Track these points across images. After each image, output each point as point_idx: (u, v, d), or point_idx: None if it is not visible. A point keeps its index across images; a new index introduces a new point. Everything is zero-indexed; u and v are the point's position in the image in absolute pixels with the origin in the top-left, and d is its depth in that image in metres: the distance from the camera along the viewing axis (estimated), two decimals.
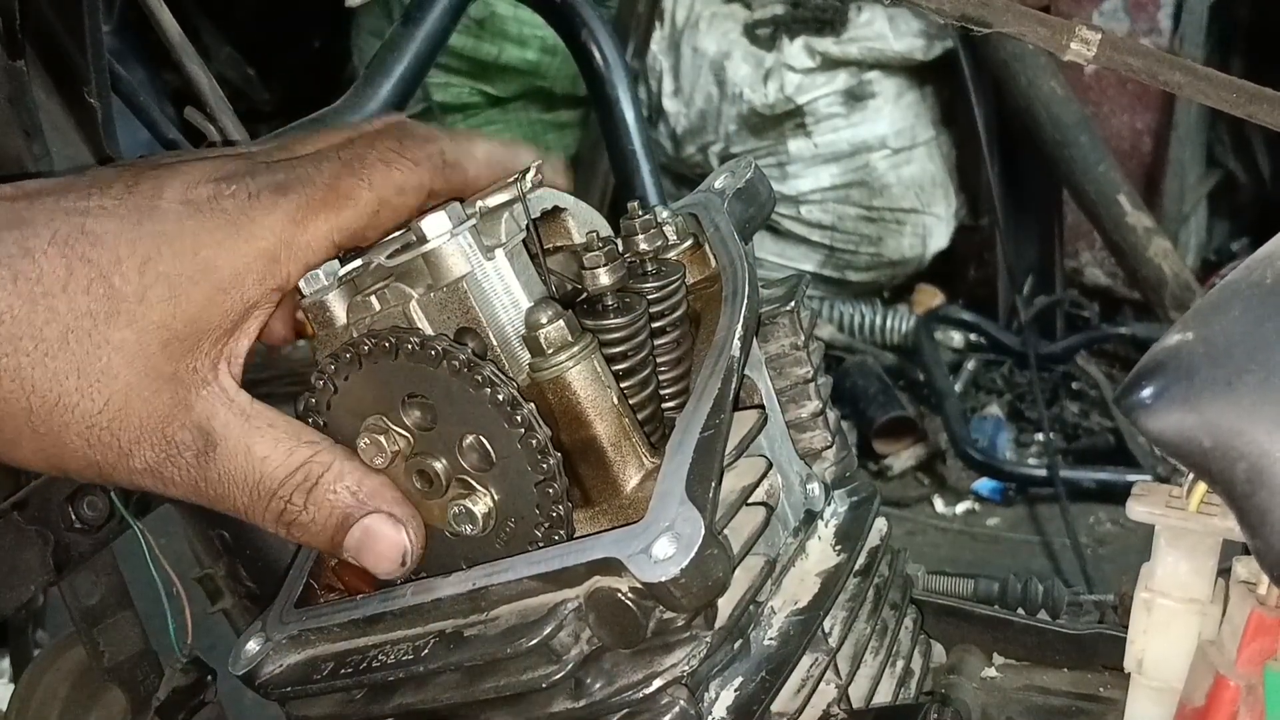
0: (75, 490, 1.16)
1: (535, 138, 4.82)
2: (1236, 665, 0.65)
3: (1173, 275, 3.64)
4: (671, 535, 0.63)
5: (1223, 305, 0.60)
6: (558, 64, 4.59)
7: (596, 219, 0.83)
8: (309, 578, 0.79)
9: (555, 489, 0.68)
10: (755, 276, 0.82)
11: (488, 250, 0.70)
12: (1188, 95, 0.82)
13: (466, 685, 0.69)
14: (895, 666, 0.89)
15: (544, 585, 0.68)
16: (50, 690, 1.25)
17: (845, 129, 4.24)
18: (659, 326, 0.77)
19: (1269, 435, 0.56)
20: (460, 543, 0.72)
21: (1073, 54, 0.81)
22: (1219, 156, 4.32)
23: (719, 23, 4.39)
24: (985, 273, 4.35)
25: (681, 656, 0.68)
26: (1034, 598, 1.16)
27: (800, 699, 0.78)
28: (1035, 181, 4.09)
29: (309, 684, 0.73)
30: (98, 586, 1.20)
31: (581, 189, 4.06)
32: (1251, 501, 0.56)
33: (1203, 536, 0.70)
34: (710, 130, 4.44)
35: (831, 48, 4.16)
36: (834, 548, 0.87)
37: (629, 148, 1.69)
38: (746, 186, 0.89)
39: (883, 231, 4.34)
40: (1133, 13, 3.97)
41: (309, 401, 0.73)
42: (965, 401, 3.91)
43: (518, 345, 0.70)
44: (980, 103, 3.85)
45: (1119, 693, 0.82)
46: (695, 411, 0.70)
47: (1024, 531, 3.44)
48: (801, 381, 0.87)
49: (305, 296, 0.73)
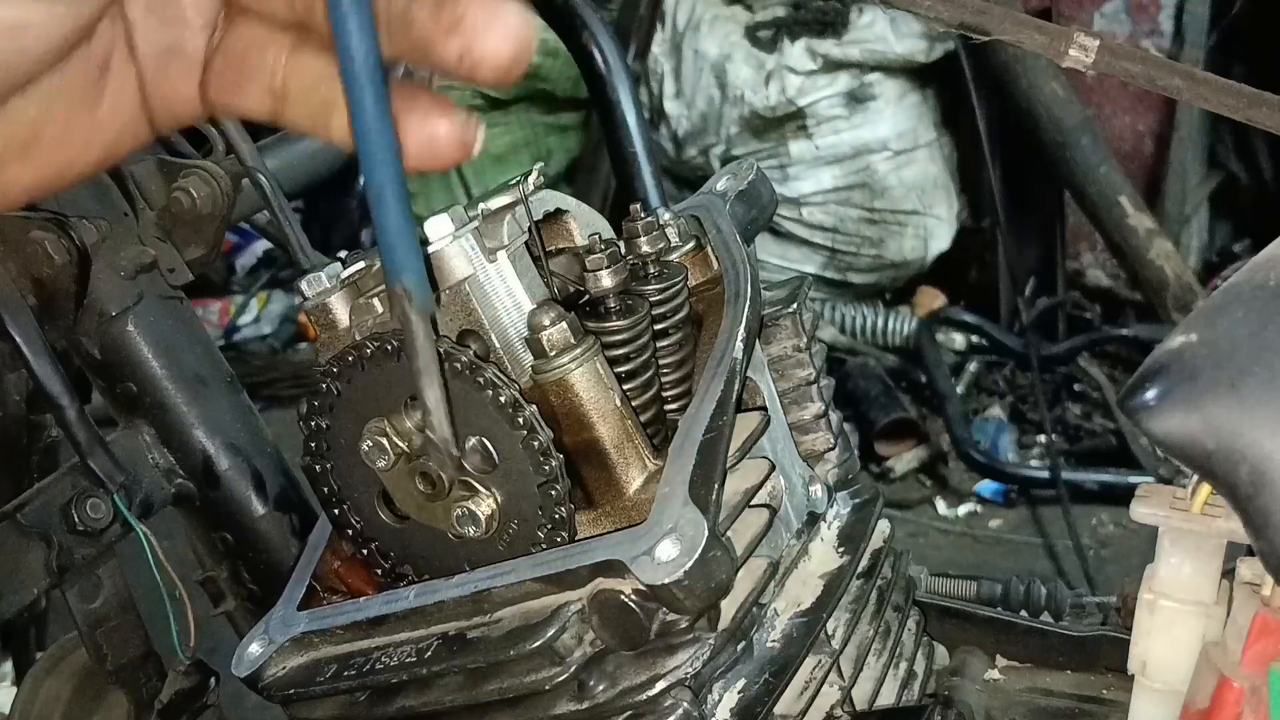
0: (77, 494, 1.16)
1: (536, 140, 4.83)
2: (1240, 667, 0.65)
3: (1174, 277, 3.63)
4: (674, 537, 0.64)
5: (1226, 307, 0.60)
6: (559, 66, 4.59)
7: (598, 221, 0.83)
8: (311, 580, 0.79)
9: (558, 491, 0.68)
10: (757, 278, 0.82)
11: (490, 252, 0.70)
12: (1187, 100, 0.82)
13: (469, 687, 0.69)
14: (898, 669, 0.89)
15: (547, 587, 0.68)
16: (53, 693, 1.25)
17: (847, 131, 4.24)
18: (661, 328, 0.77)
19: (1272, 437, 0.56)
20: (463, 545, 0.72)
21: (1071, 60, 0.81)
22: (1221, 158, 4.31)
23: (720, 25, 4.39)
24: (987, 274, 4.35)
25: (685, 658, 0.68)
26: (1037, 599, 1.16)
27: (803, 701, 0.78)
28: (1037, 183, 4.09)
29: (312, 686, 0.73)
30: (100, 590, 1.20)
31: (583, 191, 4.07)
32: (1255, 503, 0.56)
33: (1206, 538, 0.70)
34: (711, 132, 4.44)
35: (833, 50, 4.16)
36: (837, 550, 0.87)
37: (630, 150, 1.69)
38: (748, 189, 0.90)
39: (884, 233, 4.34)
40: (1134, 14, 3.96)
41: (311, 404, 0.73)
42: (967, 403, 3.91)
43: (520, 347, 0.71)
44: (982, 105, 3.85)
45: (1122, 695, 0.82)
46: (698, 413, 0.71)
47: (1026, 533, 3.44)
48: (804, 383, 0.87)
49: (308, 299, 0.73)
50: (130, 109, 0.59)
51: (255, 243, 5.36)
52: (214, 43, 0.58)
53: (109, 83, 0.58)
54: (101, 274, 1.22)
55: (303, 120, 0.57)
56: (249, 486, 1.29)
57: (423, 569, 0.75)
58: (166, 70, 0.58)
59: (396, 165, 0.53)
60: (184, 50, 0.58)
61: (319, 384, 0.72)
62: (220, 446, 1.28)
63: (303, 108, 0.56)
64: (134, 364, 1.24)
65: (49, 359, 1.15)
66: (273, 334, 5.07)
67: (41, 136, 0.57)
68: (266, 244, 5.01)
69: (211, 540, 1.31)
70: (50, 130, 0.57)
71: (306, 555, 0.80)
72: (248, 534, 1.29)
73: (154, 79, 0.58)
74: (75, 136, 0.58)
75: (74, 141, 0.58)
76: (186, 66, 0.58)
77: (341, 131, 0.54)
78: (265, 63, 0.56)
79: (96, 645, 1.20)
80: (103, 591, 1.20)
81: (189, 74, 0.58)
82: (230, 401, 1.31)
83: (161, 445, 1.26)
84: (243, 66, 0.57)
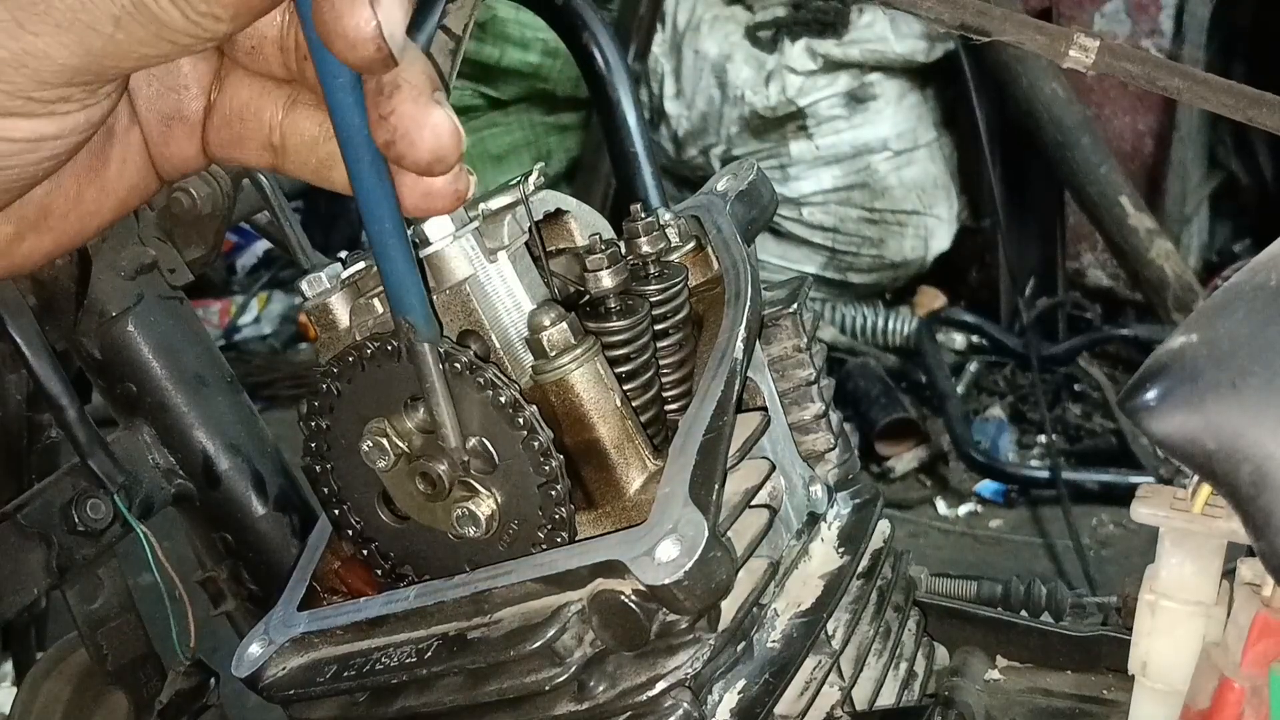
0: (77, 494, 1.16)
1: (537, 140, 4.83)
2: (1241, 667, 0.65)
3: (1175, 277, 3.64)
4: (675, 538, 0.63)
5: (1227, 308, 0.60)
6: (559, 66, 4.60)
7: (599, 221, 0.83)
8: (311, 580, 0.79)
9: (558, 491, 0.68)
10: (758, 279, 0.82)
11: (490, 253, 0.70)
12: (1187, 100, 0.82)
13: (470, 688, 0.69)
14: (899, 669, 0.89)
15: (547, 588, 0.68)
16: (53, 694, 1.25)
17: (847, 131, 4.24)
18: (662, 329, 0.77)
19: (1273, 437, 0.56)
20: (463, 545, 0.72)
21: (1071, 61, 0.81)
22: (1221, 158, 4.31)
23: (720, 25, 4.39)
24: (987, 274, 4.35)
25: (685, 659, 0.68)
26: (1037, 600, 1.16)
27: (804, 701, 0.78)
28: (1037, 183, 4.09)
29: (312, 687, 0.73)
30: (100, 590, 1.20)
31: (583, 191, 4.07)
32: (1256, 504, 0.56)
33: (1207, 538, 0.70)
34: (712, 132, 4.44)
35: (833, 50, 4.16)
36: (837, 550, 0.87)
37: (631, 150, 1.69)
38: (749, 189, 0.90)
39: (884, 233, 4.34)
40: (1134, 14, 3.97)
41: (312, 404, 0.73)
42: (967, 403, 3.91)
43: (520, 348, 0.71)
44: (982, 105, 3.85)
45: (1123, 695, 0.82)
46: (698, 414, 0.70)
47: (1026, 533, 3.44)
48: (804, 383, 0.87)
49: (308, 299, 0.73)
50: (136, 169, 0.61)
51: (255, 243, 5.36)
52: (212, 102, 0.60)
53: (114, 149, 0.60)
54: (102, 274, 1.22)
55: (304, 173, 0.59)
56: (249, 487, 1.29)
57: (423, 569, 0.75)
58: (170, 133, 0.61)
59: (396, 217, 0.57)
60: (185, 114, 0.60)
61: (319, 384, 0.72)
62: (220, 447, 1.28)
63: (303, 163, 0.59)
64: (134, 364, 1.25)
65: (49, 359, 1.15)
66: (273, 334, 5.08)
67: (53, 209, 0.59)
68: (267, 244, 5.01)
69: (211, 540, 1.31)
70: (60, 203, 0.59)
71: (306, 556, 0.80)
72: (248, 534, 1.30)
73: (158, 141, 0.61)
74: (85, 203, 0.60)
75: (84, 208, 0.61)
76: (188, 128, 0.61)
77: (343, 184, 0.57)
78: (263, 120, 0.58)
79: (97, 646, 1.20)
80: (103, 592, 1.20)
81: (191, 135, 0.61)
82: (230, 402, 1.31)
83: (162, 445, 1.26)
84: (241, 124, 0.59)
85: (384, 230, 0.57)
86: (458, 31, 0.72)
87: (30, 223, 0.59)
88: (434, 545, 0.73)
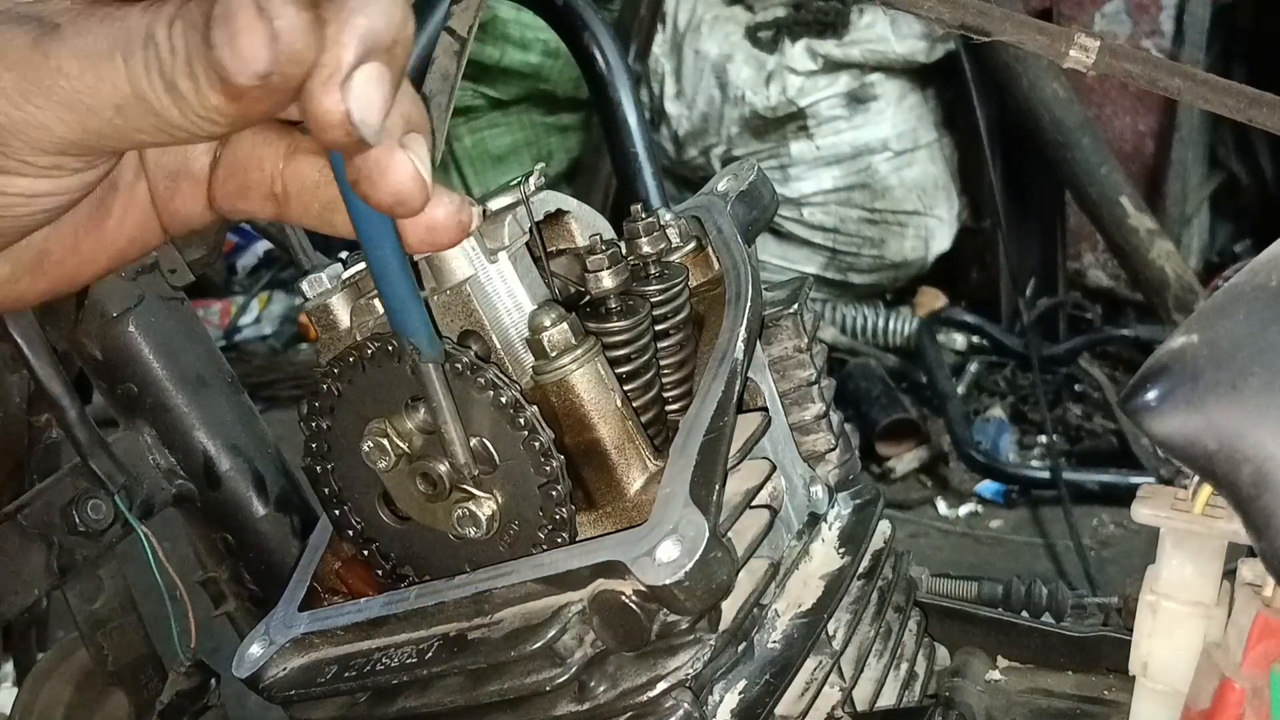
0: (78, 495, 1.16)
1: (537, 140, 4.83)
2: (1242, 668, 0.65)
3: (1175, 277, 3.63)
4: (675, 538, 0.63)
5: (1227, 308, 0.60)
6: (560, 67, 4.60)
7: (599, 222, 0.83)
8: (312, 581, 0.79)
9: (559, 492, 0.68)
10: (758, 279, 0.82)
11: (491, 253, 0.70)
12: (1188, 100, 0.82)
13: (470, 689, 0.69)
14: (899, 669, 0.89)
15: (548, 588, 0.68)
16: (54, 695, 1.25)
17: (847, 131, 4.24)
18: (662, 329, 0.77)
19: (1274, 438, 0.56)
20: (464, 545, 0.72)
21: (1072, 61, 0.81)
22: (1222, 158, 4.31)
23: (721, 25, 4.39)
24: (987, 275, 4.35)
25: (685, 659, 0.68)
26: (1038, 600, 1.16)
27: (804, 702, 0.78)
28: (1037, 184, 4.09)
29: (312, 687, 0.73)
30: (101, 591, 1.20)
31: (584, 192, 4.06)
32: (1257, 504, 0.56)
33: (1208, 539, 0.70)
34: (712, 133, 4.44)
35: (833, 50, 4.16)
36: (838, 550, 0.87)
37: (631, 150, 1.69)
38: (749, 189, 0.90)
39: (885, 234, 4.34)
40: (1135, 15, 3.96)
41: (312, 404, 0.73)
42: (968, 404, 3.91)
43: (521, 348, 0.71)
44: (982, 105, 3.85)
45: (1124, 696, 0.82)
46: (699, 414, 0.70)
47: (1027, 534, 3.44)
48: (805, 384, 0.87)
49: (309, 300, 0.73)
50: (137, 222, 0.62)
51: (256, 243, 5.36)
52: (217, 156, 0.61)
53: (116, 201, 0.61)
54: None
55: (307, 219, 0.60)
56: (250, 487, 1.29)
57: (423, 570, 0.75)
58: (176, 188, 0.62)
59: (400, 255, 0.58)
60: (191, 170, 0.62)
61: (320, 385, 0.72)
62: (221, 447, 1.28)
63: (306, 209, 0.59)
64: (135, 365, 1.25)
65: (50, 360, 1.15)
66: (273, 335, 5.08)
67: (50, 254, 0.60)
68: (267, 244, 5.01)
69: (212, 541, 1.31)
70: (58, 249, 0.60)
71: (307, 556, 0.80)
72: (248, 535, 1.29)
73: (164, 197, 0.62)
74: (82, 252, 0.62)
75: (81, 255, 0.62)
76: (194, 184, 0.62)
77: (346, 228, 0.57)
78: (265, 170, 0.59)
79: (98, 646, 1.20)
80: (104, 592, 1.20)
81: (197, 190, 0.62)
82: (231, 402, 1.31)
83: (162, 446, 1.26)
84: (245, 175, 0.60)
85: (386, 265, 0.58)
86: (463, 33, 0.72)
87: (26, 265, 0.60)
88: (434, 546, 0.73)
